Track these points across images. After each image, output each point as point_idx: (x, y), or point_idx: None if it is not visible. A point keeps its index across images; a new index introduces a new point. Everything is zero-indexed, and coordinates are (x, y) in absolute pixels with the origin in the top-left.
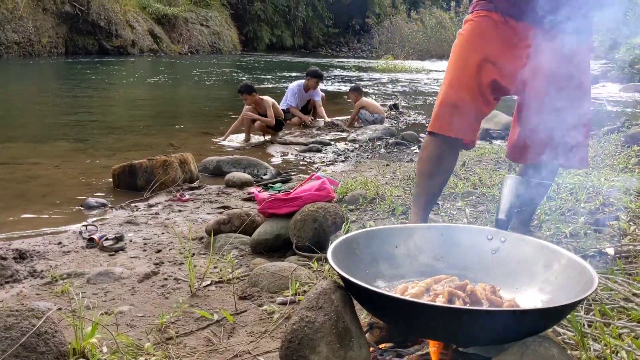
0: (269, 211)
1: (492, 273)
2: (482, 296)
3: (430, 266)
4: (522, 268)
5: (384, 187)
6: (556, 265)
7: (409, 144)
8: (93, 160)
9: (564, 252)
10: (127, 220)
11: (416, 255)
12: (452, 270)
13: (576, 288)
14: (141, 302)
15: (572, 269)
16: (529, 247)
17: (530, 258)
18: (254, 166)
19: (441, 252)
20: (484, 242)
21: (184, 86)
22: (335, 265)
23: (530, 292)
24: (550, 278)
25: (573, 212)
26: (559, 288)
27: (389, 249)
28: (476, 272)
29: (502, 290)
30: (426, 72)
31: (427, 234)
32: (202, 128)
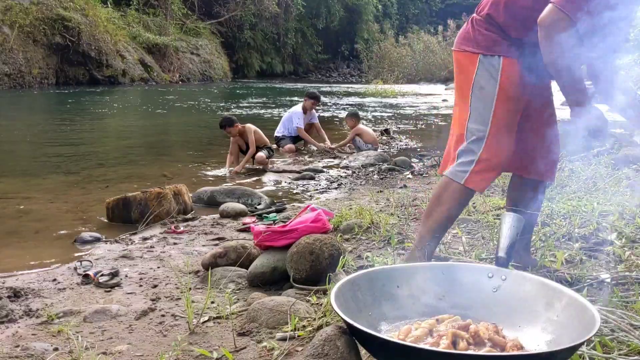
0: (266, 244)
1: (494, 311)
2: (485, 336)
3: (433, 306)
4: (523, 306)
5: (378, 215)
6: (557, 304)
7: (402, 169)
8: (86, 194)
9: (565, 291)
10: (122, 254)
11: (418, 295)
12: (455, 310)
13: (578, 327)
14: (139, 341)
15: (574, 307)
16: (529, 285)
17: (531, 296)
18: (248, 196)
19: (443, 291)
20: (485, 281)
21: (175, 115)
22: (339, 310)
23: (532, 332)
24: (552, 317)
25: (567, 238)
26: (562, 327)
27: (391, 289)
28: (478, 310)
29: (505, 329)
30: (416, 96)
31: (428, 273)
32: (194, 157)
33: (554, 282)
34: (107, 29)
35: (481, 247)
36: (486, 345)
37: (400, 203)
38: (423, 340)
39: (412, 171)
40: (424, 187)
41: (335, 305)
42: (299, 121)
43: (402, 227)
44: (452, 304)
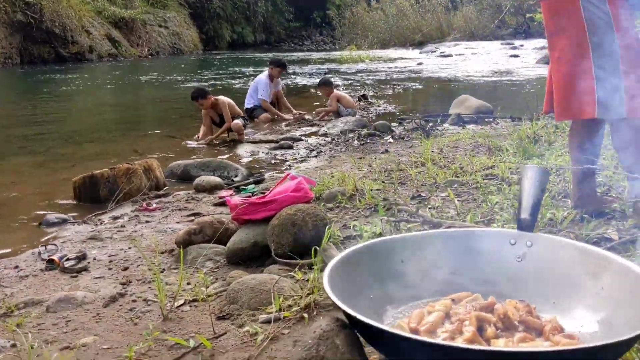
0: (244, 217)
1: (521, 285)
2: (516, 318)
3: (447, 282)
4: (557, 278)
5: (362, 181)
6: (602, 274)
7: (382, 134)
8: (52, 174)
9: (611, 257)
10: (90, 235)
11: (428, 269)
12: (473, 286)
13: (633, 307)
14: (107, 331)
15: (625, 277)
16: (563, 251)
17: (566, 265)
18: (224, 168)
19: (457, 264)
20: (507, 249)
21: (145, 89)
22: (336, 299)
23: (572, 309)
24: (596, 290)
25: (563, 195)
26: (613, 303)
27: (395, 265)
28: (501, 285)
29: (537, 307)
30: (391, 61)
31: (438, 242)
32: (166, 132)
33: (594, 247)
34: (71, 4)
35: (474, 209)
36: (518, 329)
37: (384, 168)
38: (440, 328)
39: (393, 135)
40: (407, 151)
41: (331, 292)
42: (264, 92)
43: (388, 193)
44: (469, 279)
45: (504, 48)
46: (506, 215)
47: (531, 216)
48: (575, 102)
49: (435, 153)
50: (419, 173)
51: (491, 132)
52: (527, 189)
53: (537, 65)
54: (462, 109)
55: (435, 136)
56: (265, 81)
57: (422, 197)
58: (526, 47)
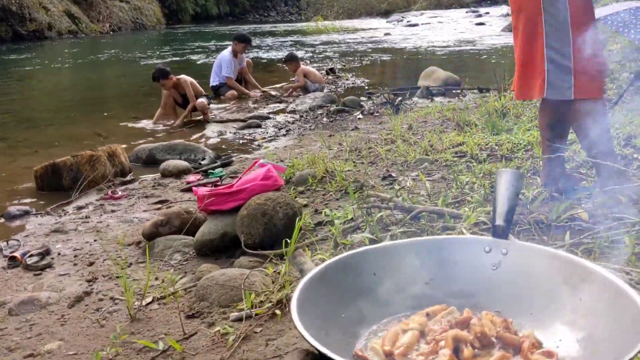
0: (211, 208)
1: (497, 296)
2: (492, 334)
3: (421, 294)
4: (534, 287)
5: (332, 162)
6: (582, 285)
7: (351, 109)
8: (12, 162)
9: (591, 267)
10: (54, 228)
11: (401, 282)
12: (449, 298)
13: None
14: (73, 335)
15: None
16: (539, 258)
17: (543, 274)
18: (191, 151)
19: (431, 275)
20: (482, 256)
21: (108, 68)
22: (303, 330)
23: (550, 321)
24: (576, 303)
25: (532, 172)
26: (592, 319)
27: (367, 279)
28: (477, 296)
29: (513, 320)
30: (358, 31)
31: (411, 252)
32: (131, 112)
33: (571, 255)
34: None
35: (445, 190)
36: (495, 346)
37: (354, 147)
38: (415, 349)
39: (362, 111)
40: (377, 127)
41: (299, 323)
42: (228, 69)
43: (358, 175)
44: (444, 290)
45: (470, 16)
46: (476, 196)
47: (506, 222)
48: (527, 82)
49: (404, 129)
50: (388, 151)
51: (459, 105)
52: (502, 194)
53: (502, 33)
54: (430, 81)
55: (404, 111)
56: (228, 58)
57: (393, 178)
58: (492, 14)
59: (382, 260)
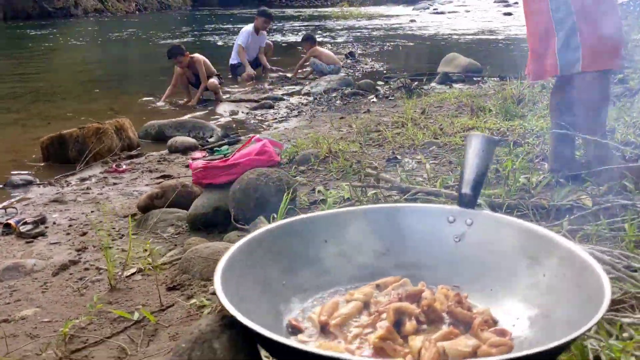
0: (205, 181)
1: (457, 270)
2: (444, 308)
3: (374, 266)
4: (496, 262)
5: (338, 143)
6: (546, 259)
7: (366, 93)
8: (24, 133)
9: (557, 240)
10: (54, 198)
11: (353, 251)
12: (403, 270)
13: (578, 295)
14: (51, 303)
15: (569, 264)
16: (506, 230)
17: (507, 247)
18: (199, 128)
19: (388, 245)
20: (445, 227)
21: (129, 46)
22: (222, 293)
23: (510, 299)
24: (538, 277)
25: (542, 158)
26: (553, 294)
27: (316, 246)
28: (435, 269)
29: (472, 295)
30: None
31: (366, 219)
32: (147, 90)
33: (540, 227)
34: None
35: (447, 173)
36: (444, 322)
37: (363, 129)
38: (354, 320)
39: (377, 95)
40: (389, 110)
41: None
42: (243, 40)
43: (363, 156)
44: (399, 262)
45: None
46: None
47: (473, 190)
48: (539, 63)
49: (417, 113)
50: (397, 134)
51: (477, 91)
52: (470, 160)
53: None
54: (451, 68)
55: (420, 95)
56: (247, 30)
57: (397, 160)
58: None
59: (334, 227)
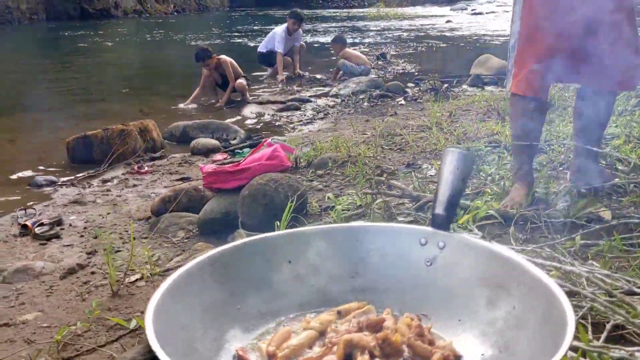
0: (215, 186)
1: (426, 296)
2: (403, 341)
3: (340, 290)
4: (466, 289)
5: (358, 147)
6: (517, 289)
7: (394, 95)
8: (53, 132)
9: (526, 267)
10: (74, 199)
11: (315, 274)
12: (371, 295)
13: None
14: (53, 307)
15: (538, 295)
16: (476, 256)
17: (479, 274)
18: (223, 130)
19: (355, 267)
20: (416, 250)
21: (165, 47)
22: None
23: (479, 332)
24: (508, 311)
25: (566, 167)
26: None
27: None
28: (403, 294)
29: (438, 325)
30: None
31: (332, 240)
32: (177, 91)
33: (512, 253)
34: None
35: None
36: (403, 355)
37: (387, 132)
38: (304, 353)
39: (406, 97)
40: (416, 113)
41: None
42: (279, 44)
43: (381, 161)
44: (366, 286)
45: None
46: (495, 188)
47: (446, 211)
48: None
49: (444, 117)
50: (419, 139)
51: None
52: (445, 178)
53: None
54: (483, 70)
55: (450, 98)
56: (281, 34)
57: (416, 166)
58: None
59: (299, 246)
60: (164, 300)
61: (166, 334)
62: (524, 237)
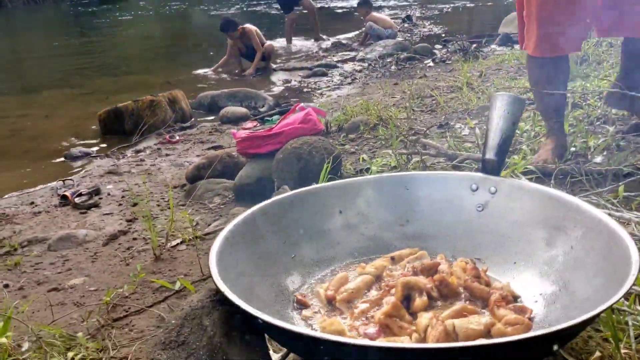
0: (249, 151)
1: (479, 241)
2: (459, 283)
3: (392, 237)
4: (521, 232)
5: (389, 110)
6: (573, 230)
7: (422, 57)
8: (85, 106)
9: (585, 208)
10: (109, 170)
11: (367, 223)
12: (421, 241)
13: (605, 269)
14: (99, 272)
15: (597, 234)
16: (530, 199)
17: (533, 217)
18: (251, 98)
19: (407, 215)
20: (467, 196)
21: (190, 18)
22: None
23: (533, 276)
24: (565, 251)
25: (603, 121)
26: (580, 271)
27: (331, 217)
28: (455, 240)
29: (493, 268)
30: None
31: (382, 189)
32: (203, 62)
33: (568, 195)
34: None
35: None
36: (461, 297)
37: (418, 94)
38: (362, 296)
39: (434, 59)
40: (446, 75)
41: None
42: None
43: (413, 122)
44: (417, 233)
45: None
46: (533, 145)
47: (497, 156)
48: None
49: (474, 77)
50: (451, 99)
51: None
52: (495, 123)
53: None
54: (512, 28)
55: (479, 58)
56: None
57: (449, 126)
58: None
59: (347, 197)
60: (223, 248)
61: (228, 279)
62: (565, 191)
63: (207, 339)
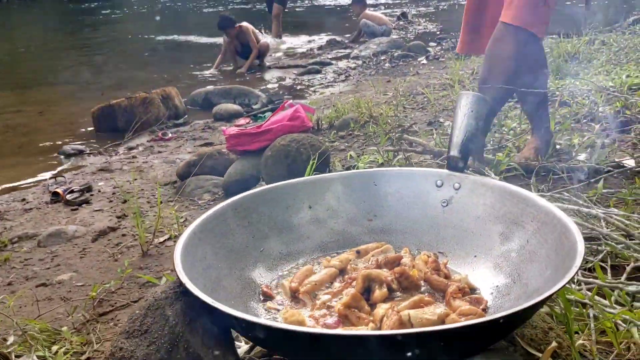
0: (238, 148)
1: (443, 235)
2: (420, 277)
3: (358, 232)
4: (482, 227)
5: (379, 107)
6: (530, 224)
7: (416, 55)
8: (80, 103)
9: (540, 203)
10: (101, 167)
11: (334, 218)
12: (389, 236)
13: (554, 264)
14: (86, 268)
15: (552, 228)
16: (492, 194)
17: (494, 212)
18: (245, 95)
19: (373, 210)
20: (433, 192)
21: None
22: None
23: (490, 268)
24: (522, 245)
25: (590, 119)
26: (534, 264)
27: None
28: (421, 234)
29: (455, 262)
30: None
31: (350, 185)
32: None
33: (525, 191)
34: None
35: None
36: (421, 289)
37: (409, 91)
38: (325, 288)
39: (427, 56)
40: (439, 72)
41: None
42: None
43: (403, 120)
44: (384, 228)
45: None
46: (518, 142)
47: (461, 153)
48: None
49: (466, 74)
50: (442, 97)
51: None
52: (460, 120)
53: None
54: None
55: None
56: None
57: (438, 123)
58: None
59: (318, 191)
60: (191, 241)
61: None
62: (546, 188)
63: (169, 328)
